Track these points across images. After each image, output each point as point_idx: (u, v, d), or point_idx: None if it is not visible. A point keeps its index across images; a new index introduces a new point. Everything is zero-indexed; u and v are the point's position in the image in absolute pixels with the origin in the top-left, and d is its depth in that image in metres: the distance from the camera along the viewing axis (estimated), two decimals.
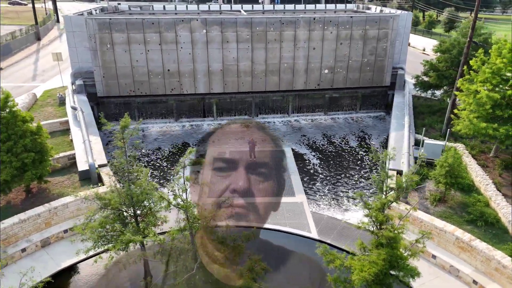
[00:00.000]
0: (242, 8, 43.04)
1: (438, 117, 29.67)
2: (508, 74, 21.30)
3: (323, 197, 22.65)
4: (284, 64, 32.95)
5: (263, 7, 43.70)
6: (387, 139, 30.38)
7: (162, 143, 29.37)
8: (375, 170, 25.82)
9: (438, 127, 27.79)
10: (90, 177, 21.50)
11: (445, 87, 29.04)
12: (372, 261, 12.18)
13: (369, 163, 26.73)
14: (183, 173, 15.06)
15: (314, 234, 19.37)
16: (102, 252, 14.96)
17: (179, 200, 14.88)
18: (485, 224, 17.73)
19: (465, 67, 24.20)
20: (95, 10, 37.65)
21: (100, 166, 21.97)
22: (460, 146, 24.39)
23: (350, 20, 32.54)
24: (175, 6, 42.54)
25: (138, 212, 15.56)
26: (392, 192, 14.52)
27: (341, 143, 29.62)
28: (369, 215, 13.19)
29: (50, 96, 31.92)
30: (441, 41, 29.82)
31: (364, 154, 27.98)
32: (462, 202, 19.51)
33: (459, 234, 17.01)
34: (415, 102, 33.01)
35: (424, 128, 25.25)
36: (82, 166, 21.87)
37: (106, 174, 21.15)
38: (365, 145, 29.34)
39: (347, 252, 15.28)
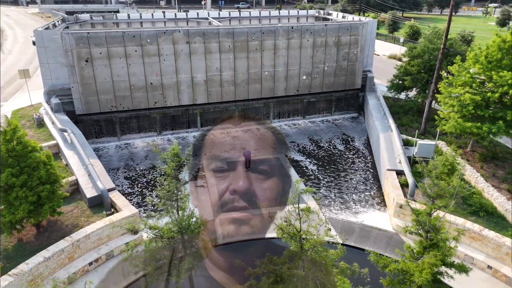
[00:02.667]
0: (209, 15, 42.90)
1: (412, 116, 32.35)
2: (483, 77, 24.09)
3: (332, 202, 23.82)
4: (265, 72, 33.68)
5: (230, 14, 43.91)
6: (368, 140, 32.55)
7: (155, 160, 28.63)
8: (368, 172, 27.62)
9: (415, 127, 30.33)
10: (100, 203, 20.59)
11: (418, 89, 31.71)
12: (431, 262, 13.42)
13: (360, 165, 28.45)
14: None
15: (337, 238, 20.41)
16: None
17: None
18: (486, 214, 20.04)
19: (442, 71, 26.77)
20: (57, 21, 35.33)
21: (109, 190, 21.07)
22: (441, 144, 26.96)
23: (324, 28, 34.13)
24: (140, 14, 41.18)
25: (185, 237, 15.46)
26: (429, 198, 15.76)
27: (329, 147, 31.09)
28: (418, 219, 14.40)
29: (22, 117, 29.48)
30: (412, 47, 32.50)
31: (353, 156, 29.66)
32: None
33: (469, 225, 19.08)
34: (386, 103, 35.51)
35: (414, 128, 27.50)
36: (90, 192, 20.82)
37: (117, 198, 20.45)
38: (351, 148, 31.09)
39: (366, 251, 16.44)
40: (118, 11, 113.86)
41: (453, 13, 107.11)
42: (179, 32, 30.23)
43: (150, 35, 29.62)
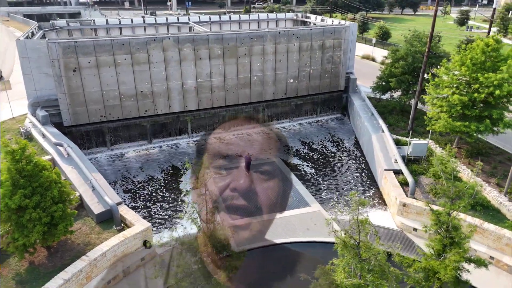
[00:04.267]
0: (189, 19, 42.50)
1: (397, 116, 33.79)
2: (465, 78, 25.65)
3: (336, 204, 24.50)
4: (254, 77, 33.94)
5: (210, 18, 43.73)
6: (356, 141, 33.62)
7: (151, 171, 28.15)
8: (363, 173, 28.62)
9: (402, 126, 31.73)
10: (108, 219, 20.11)
11: (402, 90, 33.14)
12: (455, 259, 14.28)
13: (354, 166, 29.41)
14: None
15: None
16: None
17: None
18: (482, 208, 21.44)
19: (429, 74, 28.20)
20: (34, 29, 33.76)
21: (116, 204, 20.58)
22: (430, 142, 28.39)
23: (310, 32, 34.87)
24: (119, 20, 40.10)
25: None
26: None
27: (322, 149, 31.86)
28: (440, 219, 15.24)
29: (7, 131, 27.97)
30: (395, 50, 33.90)
31: (346, 158, 30.56)
32: (455, 191, 23.08)
33: (469, 219, 20.35)
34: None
35: (401, 128, 28.74)
36: (97, 208, 20.25)
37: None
38: (343, 149, 32.03)
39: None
40: (79, 13, 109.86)
41: (413, 13, 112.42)
42: (169, 39, 29.86)
43: (139, 42, 29.05)
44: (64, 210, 17.36)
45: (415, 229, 21.61)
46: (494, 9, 37.04)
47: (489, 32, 37.27)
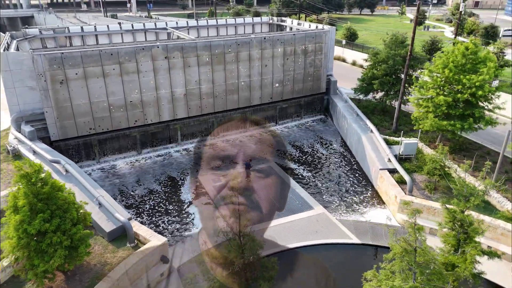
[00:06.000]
0: (167, 25, 41.88)
1: (379, 116, 35.32)
2: (442, 80, 27.43)
3: (339, 206, 25.32)
4: (241, 82, 34.20)
5: (187, 23, 43.32)
6: (343, 142, 34.77)
7: (147, 183, 27.64)
8: (357, 174, 29.75)
9: (386, 126, 33.26)
10: (119, 236, 19.68)
11: (384, 91, 34.70)
12: (474, 253, 15.44)
13: (347, 168, 30.48)
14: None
15: (355, 239, 22.03)
16: None
17: None
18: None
19: (413, 76, 29.79)
20: (7, 40, 31.97)
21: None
22: (415, 140, 30.01)
23: (293, 38, 35.63)
24: (95, 26, 38.74)
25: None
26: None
27: (313, 152, 32.71)
28: (454, 216, 16.37)
29: None
30: (375, 53, 35.37)
31: (338, 160, 31.57)
32: (447, 186, 24.71)
33: (466, 212, 21.84)
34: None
35: (385, 128, 30.13)
36: (108, 226, 19.75)
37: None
38: (332, 151, 33.06)
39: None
40: (32, 16, 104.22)
41: (371, 13, 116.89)
42: (158, 47, 29.44)
43: (128, 52, 28.42)
44: (81, 231, 16.86)
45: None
46: (461, 12, 39.60)
47: (456, 34, 39.79)
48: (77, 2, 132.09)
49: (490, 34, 56.94)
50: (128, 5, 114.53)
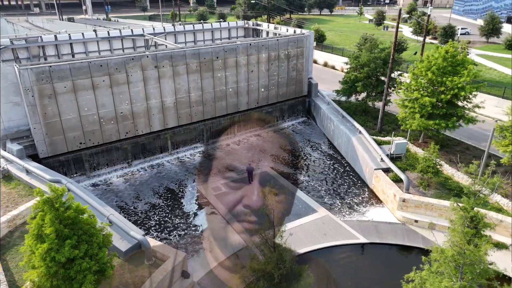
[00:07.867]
0: (143, 31, 40.94)
1: (362, 116, 36.76)
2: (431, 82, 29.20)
3: (341, 208, 26.17)
4: (229, 89, 34.29)
5: (164, 29, 42.55)
6: (330, 144, 35.85)
7: (146, 197, 27.07)
8: (351, 175, 30.85)
9: (370, 126, 34.70)
10: (134, 254, 19.27)
11: (367, 93, 36.16)
12: (487, 248, 16.72)
13: (340, 169, 31.51)
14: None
15: (363, 239, 22.99)
16: None
17: None
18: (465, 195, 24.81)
19: (397, 79, 31.35)
20: None
21: None
22: (405, 140, 31.61)
23: (277, 43, 36.21)
24: (69, 35, 37.10)
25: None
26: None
27: (306, 155, 33.45)
28: (464, 214, 17.61)
29: None
30: (355, 56, 36.72)
31: (330, 162, 32.49)
32: (438, 182, 26.37)
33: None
34: None
35: (370, 128, 31.48)
36: (123, 245, 19.26)
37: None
38: (322, 153, 33.99)
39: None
40: None
41: (330, 13, 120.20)
42: (147, 57, 28.88)
43: (118, 62, 27.66)
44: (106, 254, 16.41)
45: (416, 221, 24.27)
46: (429, 16, 42.01)
47: (426, 34, 42.18)
48: (26, 5, 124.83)
49: (449, 33, 60.68)
50: (84, 7, 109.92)
